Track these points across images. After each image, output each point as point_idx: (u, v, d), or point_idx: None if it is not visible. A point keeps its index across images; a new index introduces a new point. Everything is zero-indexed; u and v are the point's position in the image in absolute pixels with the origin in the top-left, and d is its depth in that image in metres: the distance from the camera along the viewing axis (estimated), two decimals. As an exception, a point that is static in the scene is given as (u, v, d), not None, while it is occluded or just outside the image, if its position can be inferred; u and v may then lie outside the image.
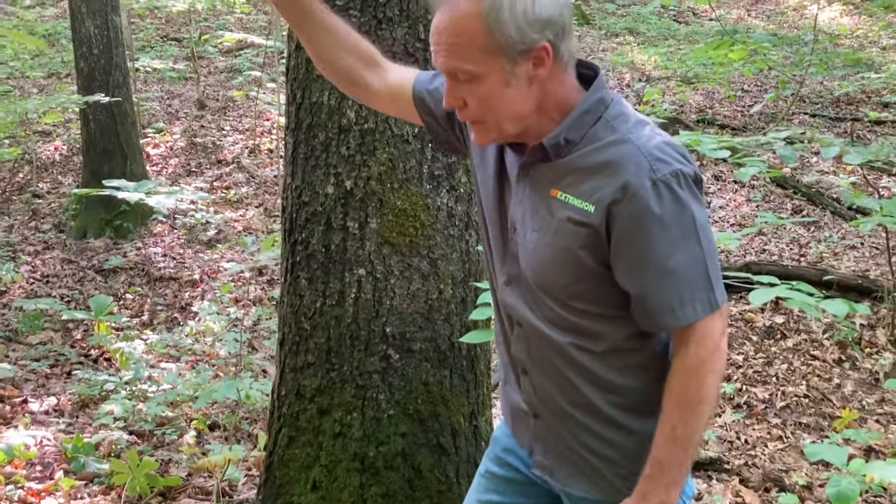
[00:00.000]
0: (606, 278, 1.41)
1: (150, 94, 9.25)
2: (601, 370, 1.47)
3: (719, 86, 9.10)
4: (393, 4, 2.11)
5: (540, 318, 1.49)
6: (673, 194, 1.36)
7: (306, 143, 2.23)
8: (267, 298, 5.65)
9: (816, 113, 8.62)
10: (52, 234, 6.83)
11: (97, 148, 6.97)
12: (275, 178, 7.60)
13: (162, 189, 4.38)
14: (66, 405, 4.23)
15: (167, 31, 11.38)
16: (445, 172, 2.25)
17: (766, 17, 12.92)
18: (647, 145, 1.38)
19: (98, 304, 5.13)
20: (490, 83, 1.37)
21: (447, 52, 1.36)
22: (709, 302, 1.38)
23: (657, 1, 5.81)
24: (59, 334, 5.28)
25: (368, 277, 2.21)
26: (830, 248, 6.05)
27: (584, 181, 1.40)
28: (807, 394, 4.43)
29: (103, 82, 6.83)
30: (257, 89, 8.45)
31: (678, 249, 1.37)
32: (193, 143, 8.28)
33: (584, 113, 1.41)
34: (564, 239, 1.41)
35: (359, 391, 2.23)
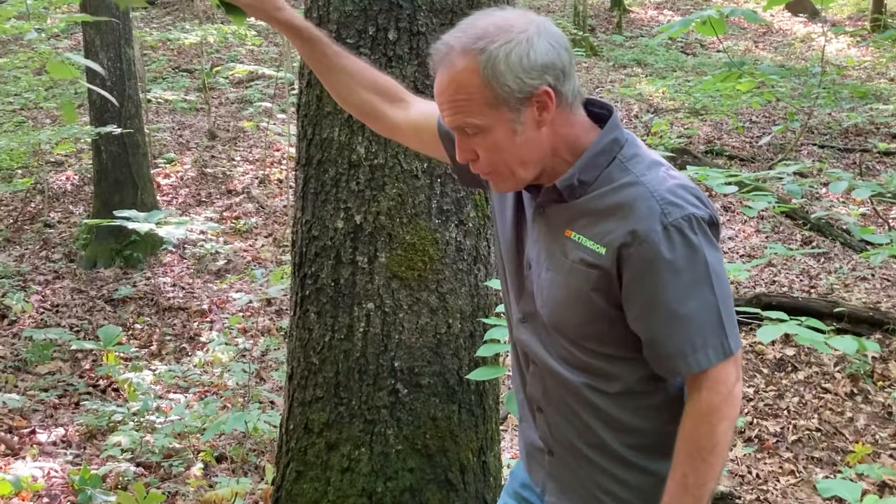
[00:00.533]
0: (620, 320, 1.41)
1: (162, 125, 9.34)
2: (615, 411, 1.46)
3: (727, 117, 9.13)
4: (402, 43, 2.13)
5: (554, 357, 1.49)
6: (685, 239, 1.35)
7: (317, 178, 2.25)
8: (275, 329, 5.65)
9: (825, 144, 8.63)
10: (63, 263, 6.86)
11: (108, 178, 7.03)
12: (284, 208, 7.64)
13: (172, 219, 4.41)
14: (73, 436, 4.23)
15: (179, 63, 11.51)
16: (454, 207, 2.26)
17: (773, 49, 13.00)
18: (659, 188, 1.37)
19: (107, 335, 5.14)
20: (497, 134, 1.38)
21: (451, 110, 1.38)
22: (722, 348, 1.37)
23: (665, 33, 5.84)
24: (67, 364, 5.28)
25: (377, 311, 2.21)
26: (841, 279, 6.02)
27: (597, 223, 1.40)
28: (819, 427, 4.38)
29: (116, 113, 6.90)
30: (268, 120, 8.52)
31: (690, 295, 1.36)
32: (204, 173, 8.34)
33: (597, 154, 1.41)
34: (577, 280, 1.41)
35: (367, 426, 2.22)
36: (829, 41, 12.11)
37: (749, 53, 12.45)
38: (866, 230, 3.26)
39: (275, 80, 9.24)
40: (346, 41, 2.15)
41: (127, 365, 5.02)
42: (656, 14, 15.00)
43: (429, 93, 2.18)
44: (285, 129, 8.09)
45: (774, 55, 12.47)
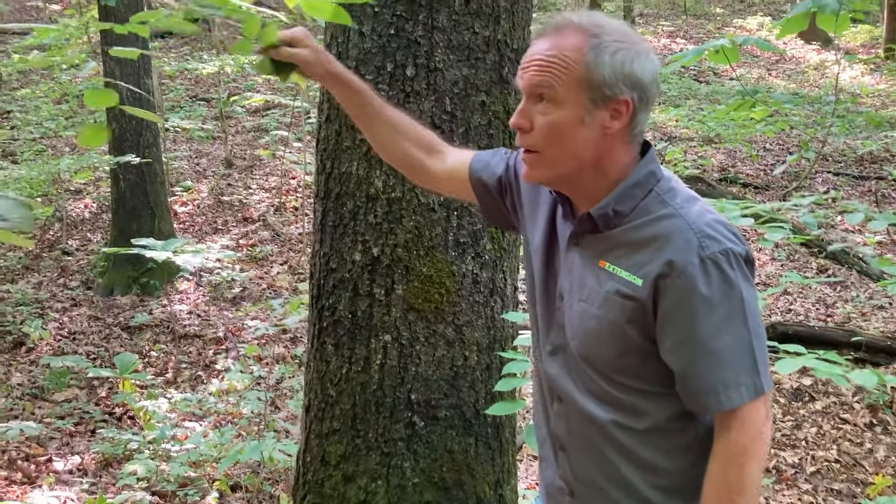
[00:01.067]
0: (653, 353, 1.39)
1: (179, 153, 9.44)
2: (642, 450, 1.44)
3: (741, 145, 9.14)
4: (420, 79, 2.16)
5: (582, 392, 1.47)
6: (722, 273, 1.34)
7: (335, 211, 2.27)
8: (290, 356, 5.67)
9: (840, 171, 8.61)
10: (80, 290, 6.92)
11: (126, 206, 7.10)
12: (300, 235, 7.69)
13: (189, 248, 4.45)
14: (89, 464, 4.24)
15: (196, 92, 11.66)
16: (471, 240, 2.27)
17: (786, 77, 13.02)
18: (697, 221, 1.37)
19: (123, 362, 5.17)
20: (566, 113, 1.37)
21: (540, 67, 1.37)
22: (754, 387, 1.35)
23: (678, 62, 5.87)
24: (84, 392, 5.31)
25: (394, 344, 2.22)
26: (858, 308, 5.98)
27: (633, 254, 1.39)
28: (838, 458, 4.34)
29: (134, 143, 6.99)
30: (284, 148, 8.60)
31: (724, 331, 1.34)
32: (220, 200, 8.42)
33: (633, 185, 1.41)
34: (611, 312, 1.40)
35: (384, 458, 2.22)
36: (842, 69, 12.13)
37: (762, 81, 12.48)
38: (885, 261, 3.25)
39: (291, 109, 9.33)
40: (364, 77, 2.18)
41: (143, 393, 5.04)
42: (669, 42, 15.08)
43: (445, 127, 2.22)
44: (301, 157, 8.16)
45: (788, 83, 12.49)
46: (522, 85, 1.41)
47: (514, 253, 2.42)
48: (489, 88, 2.23)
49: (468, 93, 2.20)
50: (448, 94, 2.18)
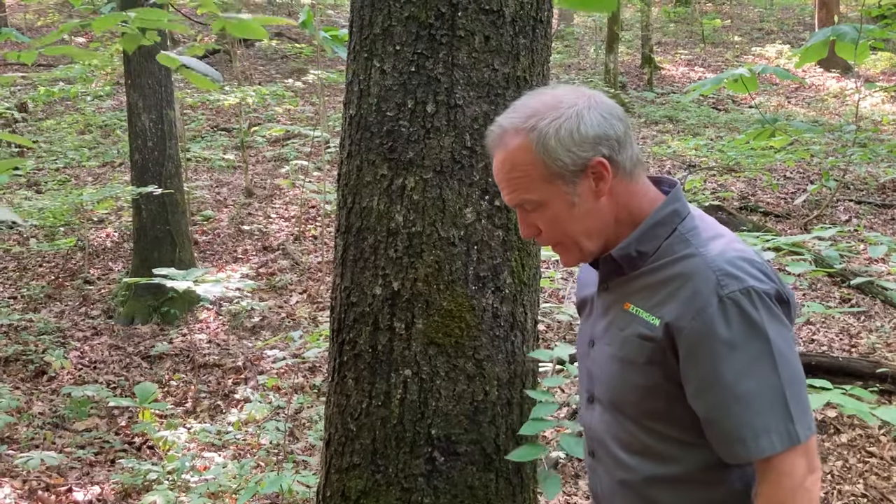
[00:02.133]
0: (680, 397, 1.35)
1: (200, 183, 9.54)
2: (678, 503, 1.40)
3: (761, 174, 9.10)
4: (440, 115, 2.18)
5: (615, 441, 1.44)
6: (742, 314, 1.28)
7: (356, 245, 2.28)
8: (308, 386, 5.67)
9: (862, 200, 8.55)
10: (101, 319, 6.97)
11: (148, 236, 7.18)
12: (319, 264, 7.72)
13: (209, 277, 4.48)
14: (109, 495, 4.25)
15: (217, 122, 11.80)
16: (490, 274, 2.27)
17: (806, 104, 12.98)
18: (717, 259, 1.33)
19: (143, 392, 5.19)
20: (555, 208, 1.39)
21: (509, 188, 1.41)
22: (787, 435, 1.27)
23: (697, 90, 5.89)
24: (104, 421, 5.33)
25: (414, 378, 2.22)
26: (883, 338, 5.90)
27: (654, 295, 1.37)
28: (865, 493, 4.26)
29: (156, 173, 7.08)
30: (303, 178, 8.67)
31: (748, 375, 1.28)
32: (240, 229, 8.48)
33: (655, 225, 1.40)
34: (630, 353, 1.38)
35: (404, 494, 2.21)
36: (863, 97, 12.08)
37: (781, 109, 12.45)
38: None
39: (311, 139, 9.42)
40: (385, 114, 2.20)
41: (162, 422, 5.05)
42: (687, 70, 15.10)
43: (465, 162, 2.23)
44: (321, 186, 8.22)
45: (807, 111, 12.45)
46: (508, 202, 1.44)
47: (534, 287, 2.42)
48: (509, 124, 2.24)
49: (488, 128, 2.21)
50: (468, 129, 2.20)
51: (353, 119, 2.27)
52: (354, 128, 2.27)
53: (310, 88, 11.77)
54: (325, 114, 8.81)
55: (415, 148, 2.18)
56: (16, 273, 7.82)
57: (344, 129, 2.34)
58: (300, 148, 10.29)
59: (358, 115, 2.25)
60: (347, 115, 2.30)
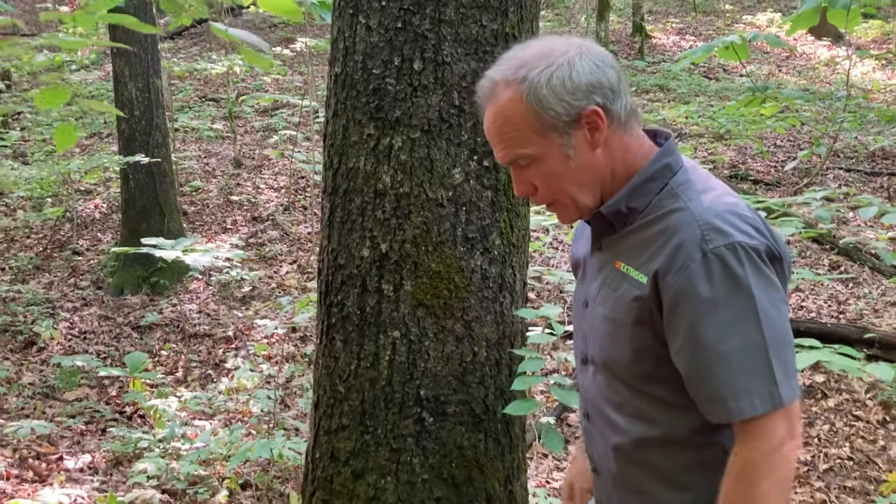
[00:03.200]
0: (668, 359, 1.31)
1: (188, 153, 9.46)
2: (670, 466, 1.37)
3: (752, 142, 9.09)
4: (428, 73, 2.15)
5: (608, 402, 1.43)
6: (726, 269, 1.23)
7: (343, 207, 2.26)
8: (300, 355, 5.67)
9: (851, 168, 8.56)
10: (91, 290, 6.94)
11: (136, 206, 7.13)
12: (309, 234, 7.69)
13: (198, 247, 4.45)
14: (100, 463, 4.25)
15: (205, 92, 11.69)
16: (479, 235, 2.26)
17: (797, 73, 12.94)
18: (704, 213, 1.28)
19: (133, 361, 5.18)
20: (551, 161, 1.34)
21: (502, 143, 1.37)
22: (770, 397, 1.23)
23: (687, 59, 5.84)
24: (94, 391, 5.33)
25: (403, 340, 2.21)
26: (870, 304, 5.94)
27: (643, 252, 1.33)
28: (851, 456, 4.31)
29: (143, 143, 7.02)
30: (292, 148, 8.61)
31: (731, 333, 1.23)
32: (229, 200, 8.43)
33: (646, 180, 1.36)
34: (620, 314, 1.35)
35: (393, 454, 2.21)
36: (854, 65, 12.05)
37: (772, 78, 12.41)
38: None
39: (299, 109, 9.35)
40: (372, 71, 2.17)
41: (153, 391, 5.05)
42: (678, 39, 15.02)
43: (453, 121, 2.20)
44: (310, 156, 8.16)
45: (798, 79, 12.42)
46: (501, 159, 1.40)
47: (523, 248, 2.40)
48: (497, 82, 2.21)
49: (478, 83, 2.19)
50: (456, 87, 2.17)
51: (339, 77, 2.24)
52: (340, 86, 2.23)
53: (298, 57, 11.66)
54: (313, 83, 8.74)
55: (402, 106, 2.15)
56: (3, 244, 7.76)
57: (329, 88, 2.30)
58: (289, 118, 10.21)
59: (343, 74, 2.22)
60: (333, 74, 2.27)
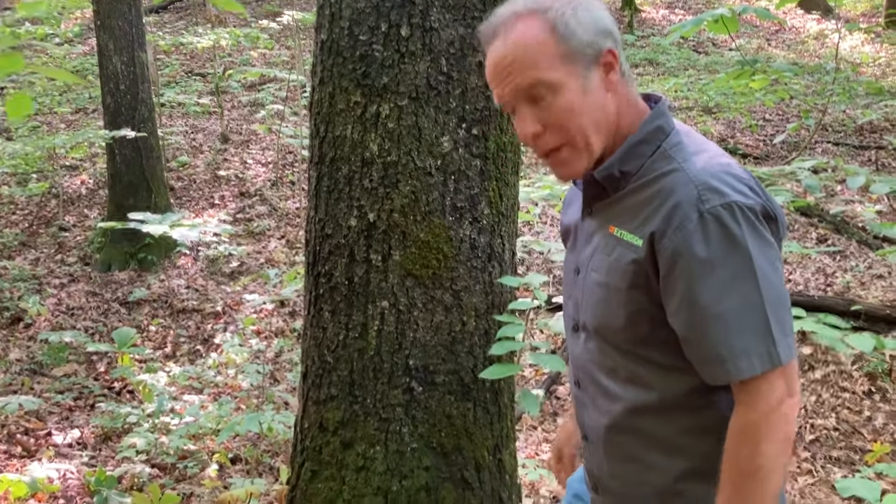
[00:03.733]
0: (663, 322, 1.30)
1: (175, 129, 9.38)
2: (664, 431, 1.36)
3: (740, 116, 9.08)
4: (415, 39, 2.12)
5: (600, 369, 1.41)
6: (723, 229, 1.22)
7: (329, 176, 2.24)
8: (289, 330, 5.66)
9: (840, 141, 8.57)
10: (78, 266, 6.90)
11: (122, 181, 7.07)
12: (297, 210, 7.65)
13: (185, 222, 4.42)
14: (89, 438, 4.24)
15: (192, 67, 11.56)
16: (468, 204, 2.24)
17: (786, 47, 12.92)
18: (700, 173, 1.27)
19: (121, 337, 5.16)
20: (570, 93, 1.30)
21: (520, 70, 1.30)
22: (768, 356, 1.21)
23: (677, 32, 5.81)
24: (83, 367, 5.31)
25: (391, 310, 2.20)
26: (857, 277, 5.97)
27: (637, 215, 1.32)
28: (836, 426, 4.34)
29: (129, 117, 6.94)
30: (280, 123, 8.54)
31: (729, 292, 1.22)
32: (217, 175, 8.37)
33: (638, 143, 1.35)
34: (614, 278, 1.33)
35: (382, 424, 2.21)
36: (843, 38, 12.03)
37: (762, 51, 12.38)
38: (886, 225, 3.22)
39: (287, 83, 9.26)
40: (358, 38, 2.15)
41: (142, 367, 5.04)
42: (668, 13, 14.94)
43: (441, 88, 2.18)
44: (297, 131, 8.10)
45: (787, 53, 12.39)
46: (509, 96, 1.32)
47: (512, 218, 2.39)
48: (485, 49, 2.19)
49: (464, 53, 2.16)
50: (444, 54, 2.15)
51: (325, 44, 2.21)
52: (326, 53, 2.20)
53: (285, 31, 11.54)
54: (300, 57, 8.65)
55: (389, 73, 2.13)
56: (-12, 221, 7.69)
57: (315, 55, 2.27)
58: (276, 92, 10.12)
59: (329, 40, 2.19)
60: (319, 40, 2.24)
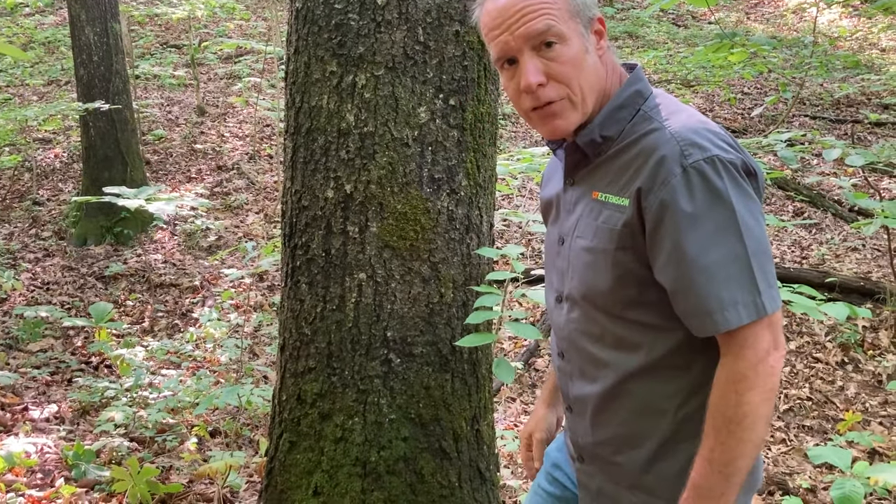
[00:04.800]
0: (650, 281, 1.31)
1: (150, 101, 9.25)
2: (653, 395, 1.36)
3: (719, 89, 9.10)
4: (392, 7, 2.10)
5: (586, 336, 1.41)
6: (706, 183, 1.24)
7: (305, 147, 2.22)
8: (268, 304, 5.64)
9: (817, 115, 8.62)
10: (53, 241, 6.82)
11: (97, 155, 6.97)
12: (275, 183, 7.60)
13: (162, 195, 4.37)
14: (66, 412, 4.22)
15: (167, 38, 11.39)
16: (446, 176, 2.23)
17: (765, 20, 12.93)
18: (680, 130, 1.28)
19: (98, 312, 5.12)
20: (575, 46, 1.32)
21: (533, 15, 1.30)
22: (755, 306, 1.23)
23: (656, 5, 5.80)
24: (59, 342, 5.27)
25: (369, 282, 2.20)
26: (832, 250, 6.04)
27: (621, 177, 1.33)
28: (810, 396, 4.41)
29: (103, 89, 6.83)
30: (257, 95, 8.45)
31: (714, 245, 1.23)
32: (193, 149, 8.28)
33: (617, 108, 1.36)
34: (602, 240, 1.34)
35: (360, 395, 2.21)
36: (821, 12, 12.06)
37: (741, 25, 12.39)
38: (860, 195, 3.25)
39: (263, 55, 9.15)
40: (334, 6, 2.12)
41: (119, 341, 5.01)
42: (648, -14, 14.89)
43: (418, 58, 2.16)
44: (275, 104, 8.02)
45: (766, 26, 12.41)
46: (517, 41, 1.31)
47: (490, 189, 2.39)
48: (463, 18, 2.17)
49: (441, 22, 2.14)
50: (421, 23, 2.12)
51: (300, 12, 2.17)
52: (301, 21, 2.17)
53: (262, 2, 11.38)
54: (277, 28, 8.54)
55: (365, 42, 2.10)
56: (-40, 195, 7.58)
57: (290, 24, 2.24)
58: (253, 65, 10.00)
59: (304, 8, 2.16)
60: (294, 9, 2.21)
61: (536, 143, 7.63)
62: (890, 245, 4.80)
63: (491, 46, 1.36)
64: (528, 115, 1.38)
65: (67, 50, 8.88)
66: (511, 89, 1.36)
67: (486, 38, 1.37)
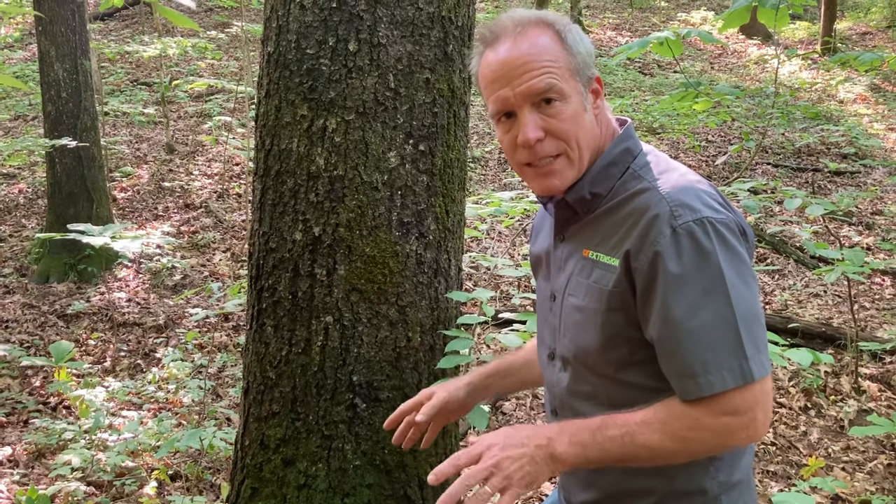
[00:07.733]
0: (641, 344, 1.30)
1: (119, 138, 9.20)
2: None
3: (684, 137, 9.29)
4: (363, 54, 2.12)
5: (578, 396, 1.40)
6: (695, 245, 1.22)
7: (274, 189, 2.22)
8: (232, 345, 5.57)
9: (779, 163, 8.83)
10: (14, 278, 6.69)
11: (63, 191, 6.89)
12: (243, 222, 7.56)
13: (128, 233, 4.32)
14: (21, 455, 4.10)
15: (137, 76, 11.37)
16: (415, 219, 2.24)
17: (728, 70, 13.26)
18: (671, 190, 1.27)
19: (58, 351, 5.00)
20: (574, 104, 1.33)
21: (536, 72, 1.30)
22: (741, 371, 1.20)
23: (623, 54, 5.93)
24: (17, 381, 5.14)
25: (336, 325, 2.18)
26: (795, 296, 6.13)
27: (612, 236, 1.32)
28: (774, 441, 4.43)
29: (71, 126, 6.78)
30: (227, 134, 8.44)
31: (701, 308, 1.21)
32: (161, 187, 8.23)
33: (608, 165, 1.36)
34: (593, 300, 1.33)
35: (324, 441, 2.18)
36: (782, 63, 12.41)
37: (705, 74, 12.70)
38: (821, 245, 3.32)
39: (234, 94, 9.17)
40: (305, 51, 2.14)
41: (79, 382, 4.90)
42: (615, 35, 15.22)
43: (388, 104, 2.18)
44: (245, 143, 8.02)
45: (730, 76, 12.73)
46: (518, 97, 1.31)
47: (459, 234, 2.40)
48: (434, 66, 2.20)
49: (412, 70, 2.17)
50: (392, 70, 2.15)
51: (272, 56, 2.19)
52: (273, 66, 2.19)
53: (234, 42, 11.44)
54: (249, 68, 8.57)
55: (336, 88, 2.12)
56: (-81, 230, 7.42)
57: (262, 68, 2.25)
58: (224, 104, 10.01)
59: (276, 53, 2.18)
60: (266, 53, 2.22)
61: (505, 187, 7.69)
62: (850, 292, 4.89)
63: (489, 100, 1.36)
64: (522, 170, 1.37)
65: (36, 85, 8.82)
66: (507, 142, 1.36)
67: (483, 89, 1.37)
